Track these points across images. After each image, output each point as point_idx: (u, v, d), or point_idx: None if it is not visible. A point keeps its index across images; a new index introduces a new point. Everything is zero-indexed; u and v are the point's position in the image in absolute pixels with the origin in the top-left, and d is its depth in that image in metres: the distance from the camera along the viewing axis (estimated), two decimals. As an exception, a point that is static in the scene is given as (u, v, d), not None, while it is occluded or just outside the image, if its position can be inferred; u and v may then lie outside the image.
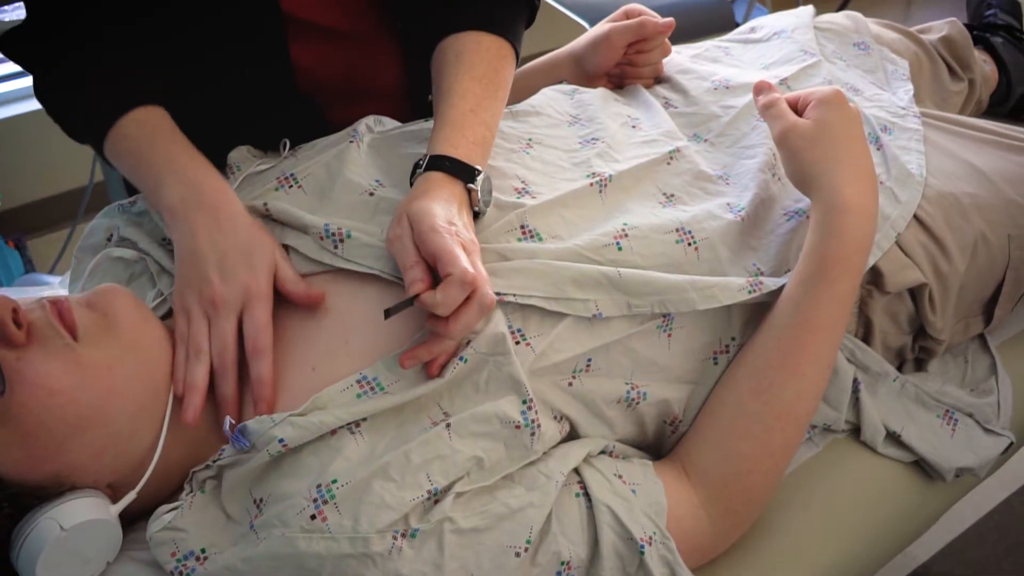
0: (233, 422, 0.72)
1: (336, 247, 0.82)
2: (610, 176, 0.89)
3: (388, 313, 0.72)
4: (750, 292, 0.84)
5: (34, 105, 2.24)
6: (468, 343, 0.75)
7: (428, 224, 0.73)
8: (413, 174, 0.83)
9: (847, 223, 0.82)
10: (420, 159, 0.83)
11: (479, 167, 0.82)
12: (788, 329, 0.82)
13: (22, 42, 0.91)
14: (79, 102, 0.89)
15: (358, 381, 0.74)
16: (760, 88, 0.93)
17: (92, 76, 0.88)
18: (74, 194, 2.34)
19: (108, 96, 0.87)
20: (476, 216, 0.82)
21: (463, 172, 0.81)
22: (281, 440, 0.70)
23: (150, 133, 0.85)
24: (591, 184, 0.88)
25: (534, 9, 1.02)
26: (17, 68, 2.29)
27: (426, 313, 0.72)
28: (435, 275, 0.73)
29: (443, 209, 0.76)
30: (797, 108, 0.90)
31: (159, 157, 0.84)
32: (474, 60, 0.90)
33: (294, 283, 0.80)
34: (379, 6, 1.00)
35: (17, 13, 1.77)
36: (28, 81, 2.29)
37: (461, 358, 0.74)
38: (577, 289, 0.79)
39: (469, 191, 0.81)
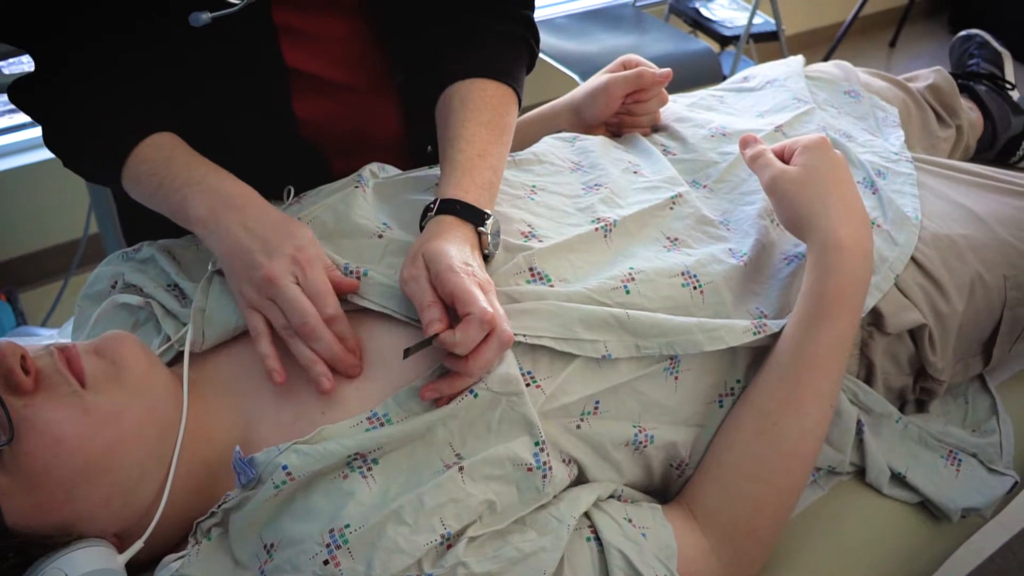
0: (241, 451, 0.72)
1: None
2: (615, 221, 0.90)
3: (407, 353, 0.73)
4: (755, 334, 0.84)
5: (28, 158, 2.26)
6: (479, 381, 0.75)
7: (445, 264, 0.74)
8: (423, 218, 0.84)
9: (843, 261, 0.84)
10: (431, 203, 0.84)
11: (488, 211, 0.83)
12: (790, 369, 0.83)
13: (30, 90, 0.93)
14: (93, 137, 0.89)
15: (368, 418, 0.74)
16: (746, 141, 0.95)
17: (105, 112, 0.89)
18: (67, 247, 2.34)
19: (123, 127, 0.88)
20: (486, 259, 0.83)
21: (473, 215, 0.82)
22: (285, 467, 0.69)
23: (168, 154, 0.86)
24: (596, 229, 0.89)
25: (534, 56, 1.05)
26: (9, 122, 2.33)
27: (443, 352, 0.73)
28: (452, 314, 0.73)
29: (458, 250, 0.77)
30: (783, 156, 0.92)
31: (180, 173, 0.84)
32: (479, 106, 0.92)
33: (328, 267, 0.81)
34: (381, 60, 1.02)
35: (14, 68, 1.78)
36: (22, 135, 2.32)
37: (471, 391, 0.74)
38: (586, 330, 0.80)
39: (480, 234, 0.82)
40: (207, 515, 0.73)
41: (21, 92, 0.93)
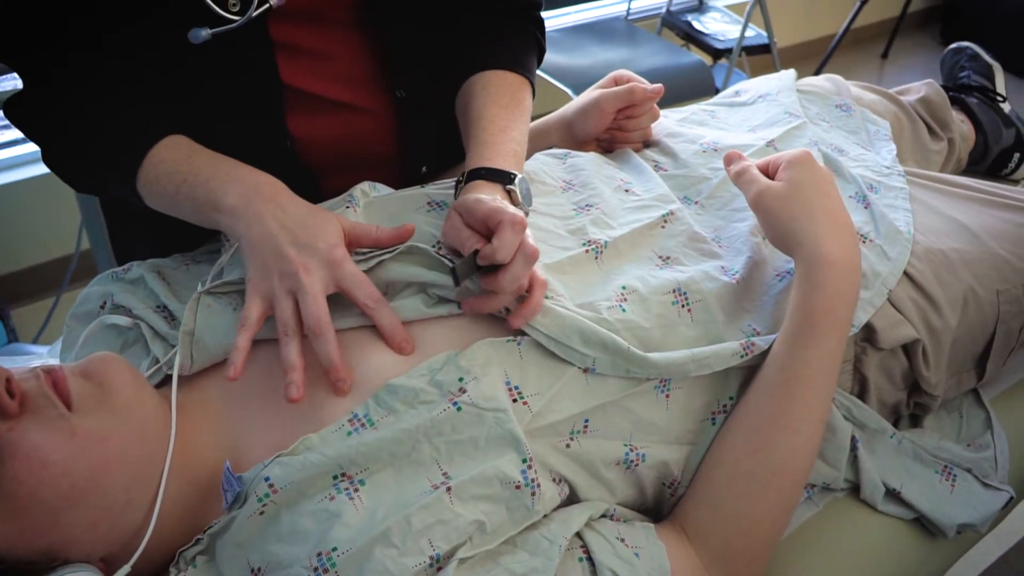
0: (230, 466, 0.72)
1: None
2: (605, 243, 0.90)
3: (454, 273, 0.77)
4: (742, 357, 0.84)
5: (19, 175, 2.26)
6: (462, 392, 0.75)
7: (472, 199, 0.81)
8: (456, 193, 0.90)
9: (831, 276, 0.83)
10: (460, 176, 0.90)
11: (514, 172, 0.88)
12: (779, 386, 0.82)
13: (25, 103, 0.92)
14: (102, 140, 0.88)
15: (349, 420, 0.74)
16: (730, 158, 0.94)
17: (114, 115, 0.89)
18: (59, 263, 2.33)
19: (137, 128, 0.88)
20: None
21: (500, 177, 0.88)
22: (267, 479, 0.69)
23: (187, 152, 0.87)
24: (586, 251, 0.89)
25: (542, 51, 1.11)
26: (0, 139, 2.33)
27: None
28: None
29: (486, 196, 0.82)
30: (768, 172, 0.91)
31: (205, 168, 0.85)
32: (499, 92, 0.99)
33: (376, 232, 0.85)
34: (378, 77, 1.02)
35: (7, 84, 1.77)
36: (13, 151, 2.31)
37: (454, 404, 0.74)
38: (582, 343, 0.80)
39: (509, 192, 0.87)
40: (192, 543, 0.72)
41: (15, 108, 0.92)
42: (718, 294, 0.88)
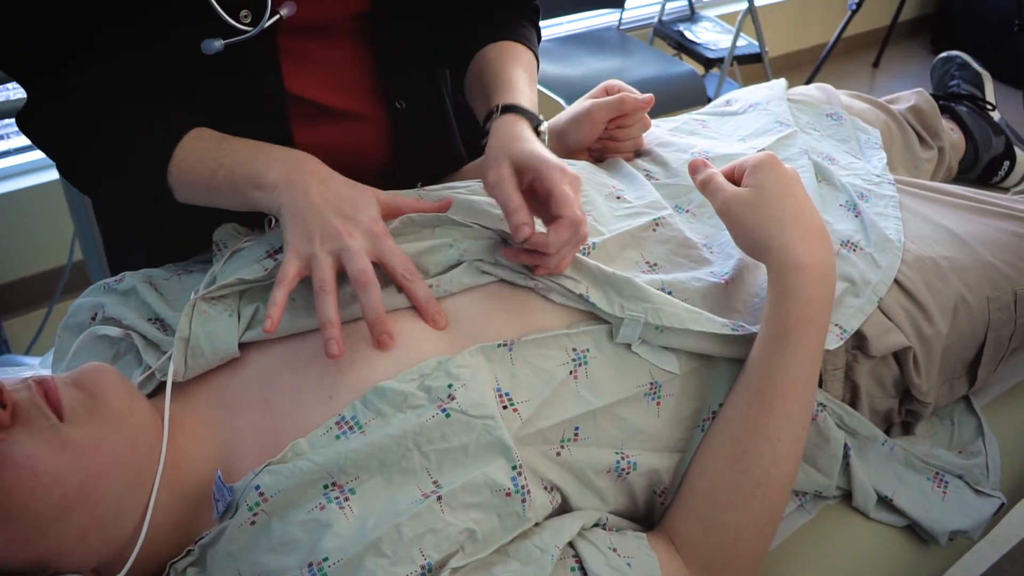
0: (221, 475, 0.71)
1: None
2: (593, 244, 0.90)
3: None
4: (733, 330, 0.84)
5: (11, 186, 2.26)
6: (451, 398, 0.75)
7: (552, 164, 0.83)
8: (485, 123, 0.93)
9: (804, 282, 0.82)
10: (492, 108, 0.93)
11: (541, 118, 0.93)
12: (758, 395, 0.81)
13: (36, 114, 0.91)
14: (129, 143, 0.88)
15: (337, 423, 0.74)
16: (695, 167, 0.92)
17: (134, 116, 0.89)
18: (51, 274, 2.33)
19: (162, 125, 0.88)
20: None
21: (531, 117, 0.92)
22: (257, 487, 0.69)
23: (217, 140, 0.88)
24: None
25: (539, 34, 1.16)
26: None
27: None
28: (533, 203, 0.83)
29: (545, 150, 0.85)
30: (733, 178, 0.90)
31: (241, 150, 0.87)
32: (514, 57, 1.04)
33: (417, 202, 0.90)
34: (378, 87, 1.02)
35: (4, 93, 1.77)
36: (2, 163, 2.30)
37: (443, 410, 0.74)
38: (574, 270, 0.83)
39: (539, 134, 0.91)
40: (183, 554, 0.72)
41: (27, 119, 0.91)
42: (705, 293, 0.88)
